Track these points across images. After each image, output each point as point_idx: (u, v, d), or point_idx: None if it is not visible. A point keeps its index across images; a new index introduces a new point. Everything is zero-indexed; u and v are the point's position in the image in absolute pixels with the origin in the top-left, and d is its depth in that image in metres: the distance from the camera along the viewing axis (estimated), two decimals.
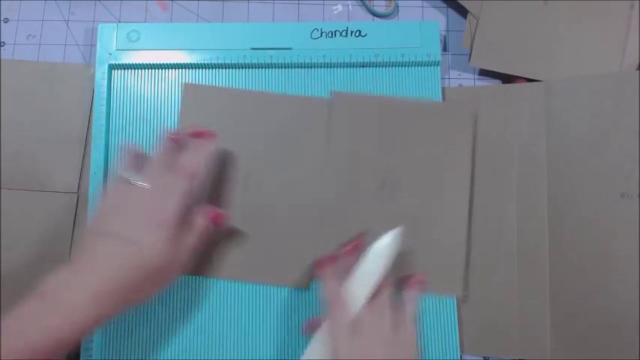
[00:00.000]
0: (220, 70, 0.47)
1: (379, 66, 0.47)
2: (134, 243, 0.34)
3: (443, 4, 0.51)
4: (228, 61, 0.46)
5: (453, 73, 0.49)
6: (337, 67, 0.47)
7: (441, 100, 0.46)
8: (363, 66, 0.47)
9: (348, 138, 0.45)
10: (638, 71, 0.45)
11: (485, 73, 0.48)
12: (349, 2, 0.51)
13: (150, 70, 0.46)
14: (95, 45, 0.49)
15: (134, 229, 0.35)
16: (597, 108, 0.45)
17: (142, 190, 0.36)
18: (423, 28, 0.47)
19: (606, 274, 0.42)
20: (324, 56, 0.46)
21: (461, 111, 0.46)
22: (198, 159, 0.38)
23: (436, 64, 0.47)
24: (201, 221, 0.38)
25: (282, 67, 0.47)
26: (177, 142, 0.39)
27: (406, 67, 0.47)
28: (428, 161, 0.44)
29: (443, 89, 0.47)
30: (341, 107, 0.45)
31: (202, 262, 0.42)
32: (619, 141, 0.44)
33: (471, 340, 0.43)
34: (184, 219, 0.36)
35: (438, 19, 0.50)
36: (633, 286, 0.42)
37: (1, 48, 0.49)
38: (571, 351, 0.42)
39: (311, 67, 0.47)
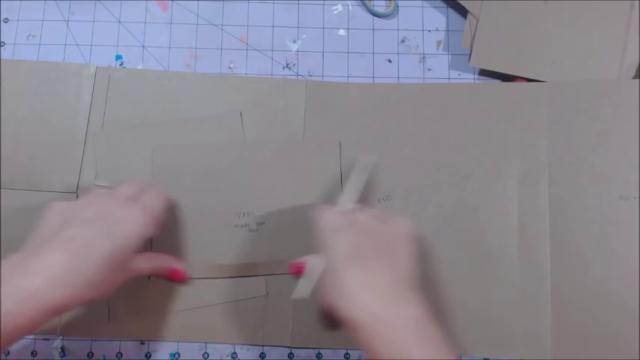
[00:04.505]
0: None
1: None
2: (108, 235, 0.35)
3: (443, 4, 0.51)
4: None
5: (453, 73, 0.49)
6: None
7: None
8: None
9: None
10: (637, 79, 0.45)
11: (485, 73, 0.48)
12: (349, 2, 0.51)
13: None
14: (95, 45, 0.49)
15: (109, 224, 0.36)
16: (597, 112, 0.45)
17: (117, 198, 0.38)
18: None
19: (606, 274, 0.43)
20: None
21: None
22: (158, 201, 0.41)
23: None
24: (142, 263, 0.39)
25: None
26: (139, 187, 0.41)
27: None
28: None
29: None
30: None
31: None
32: (618, 144, 0.44)
33: (471, 340, 0.43)
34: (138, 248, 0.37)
35: (438, 19, 0.50)
36: (633, 287, 0.42)
37: (1, 48, 0.49)
38: (572, 351, 0.42)
39: None
